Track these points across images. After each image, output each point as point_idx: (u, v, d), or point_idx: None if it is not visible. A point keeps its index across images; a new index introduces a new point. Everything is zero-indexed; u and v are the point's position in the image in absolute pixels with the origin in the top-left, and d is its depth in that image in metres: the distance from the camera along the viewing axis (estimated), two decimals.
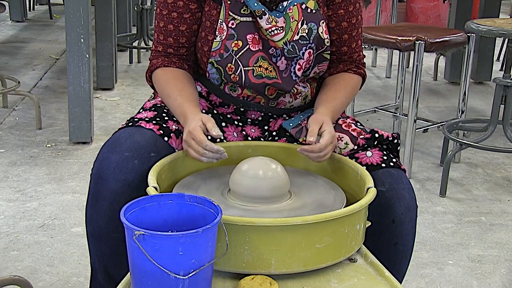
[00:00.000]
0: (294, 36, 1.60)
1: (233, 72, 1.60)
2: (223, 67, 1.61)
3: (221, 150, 1.45)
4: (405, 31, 3.29)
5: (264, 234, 1.23)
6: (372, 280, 1.30)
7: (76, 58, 3.29)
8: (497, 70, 5.37)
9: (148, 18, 5.44)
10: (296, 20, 1.60)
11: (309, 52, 1.62)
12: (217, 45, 1.60)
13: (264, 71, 1.61)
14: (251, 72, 1.60)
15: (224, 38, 1.59)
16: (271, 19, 1.59)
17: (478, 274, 2.35)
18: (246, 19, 1.60)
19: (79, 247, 2.38)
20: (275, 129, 1.71)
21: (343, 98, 1.66)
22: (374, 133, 1.61)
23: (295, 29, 1.60)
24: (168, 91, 1.60)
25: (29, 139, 3.50)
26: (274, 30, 1.59)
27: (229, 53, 1.59)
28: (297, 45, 1.60)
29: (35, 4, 8.25)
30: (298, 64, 1.62)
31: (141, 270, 1.14)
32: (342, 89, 1.67)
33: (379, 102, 4.42)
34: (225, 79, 1.63)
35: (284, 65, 1.62)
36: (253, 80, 1.61)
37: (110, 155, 1.49)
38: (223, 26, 1.59)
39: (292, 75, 1.63)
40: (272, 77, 1.62)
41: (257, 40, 1.60)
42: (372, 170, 1.52)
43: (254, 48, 1.60)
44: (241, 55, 1.59)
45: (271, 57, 1.62)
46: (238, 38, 1.59)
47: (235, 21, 1.59)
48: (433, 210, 2.87)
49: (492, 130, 3.15)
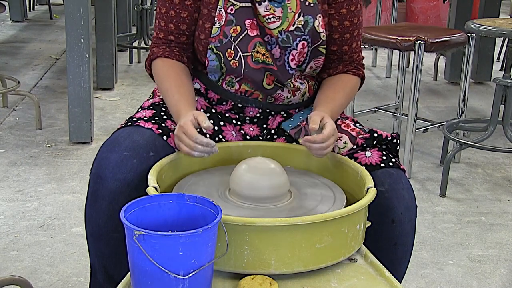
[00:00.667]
0: (290, 27, 1.62)
1: (232, 58, 1.62)
2: (223, 53, 1.62)
3: (211, 143, 1.45)
4: (405, 31, 3.29)
5: (264, 234, 1.23)
6: (372, 280, 1.30)
7: (76, 58, 3.29)
8: (497, 70, 5.37)
9: (148, 18, 5.44)
10: (294, 12, 1.62)
11: (302, 43, 1.63)
12: (216, 32, 1.61)
13: (261, 57, 1.63)
14: (250, 58, 1.62)
15: (223, 25, 1.61)
16: (270, 7, 1.61)
17: (478, 274, 2.35)
18: (245, 5, 1.62)
19: (79, 247, 2.38)
20: (274, 128, 1.71)
21: (342, 99, 1.66)
22: (373, 133, 1.61)
23: (292, 20, 1.62)
24: (167, 86, 1.61)
25: (29, 139, 3.50)
26: (271, 18, 1.61)
27: (228, 39, 1.61)
28: (291, 35, 1.62)
29: (35, 4, 8.25)
30: (291, 55, 1.63)
31: (141, 270, 1.14)
32: (340, 90, 1.68)
33: (379, 102, 4.42)
34: (224, 65, 1.63)
35: (278, 53, 1.64)
36: (252, 65, 1.63)
37: (109, 154, 1.49)
38: (222, 13, 1.61)
39: (285, 65, 1.64)
40: (269, 63, 1.63)
41: (255, 26, 1.62)
42: (372, 170, 1.52)
43: (252, 34, 1.62)
44: (240, 41, 1.61)
45: (266, 44, 1.63)
46: (237, 24, 1.61)
47: (234, 6, 1.61)
48: (433, 210, 2.87)
49: (492, 130, 3.15)
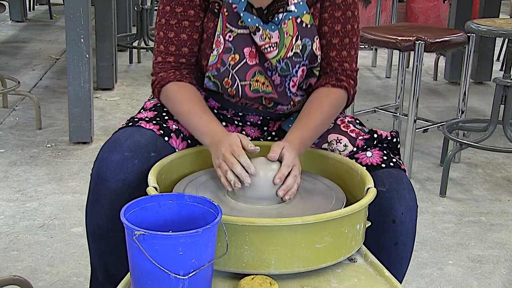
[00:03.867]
0: (288, 53, 1.57)
1: (230, 86, 1.58)
2: (220, 81, 1.58)
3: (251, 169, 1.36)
4: (405, 31, 3.29)
5: (264, 234, 1.23)
6: (372, 280, 1.30)
7: (76, 58, 3.29)
8: (497, 70, 5.37)
9: (148, 18, 5.44)
10: (291, 35, 1.56)
11: (302, 69, 1.60)
12: (214, 59, 1.57)
13: (261, 86, 1.59)
14: (248, 87, 1.59)
15: (221, 52, 1.57)
16: (265, 35, 1.56)
17: (478, 274, 2.35)
18: (243, 31, 1.57)
19: (79, 247, 2.38)
20: (274, 130, 1.71)
21: (317, 120, 1.55)
22: (373, 133, 1.60)
23: (289, 45, 1.57)
24: (189, 108, 1.54)
25: (29, 139, 3.50)
26: (268, 48, 1.56)
27: (226, 67, 1.57)
28: (290, 63, 1.57)
29: (35, 4, 8.26)
30: (292, 81, 1.61)
31: (141, 270, 1.14)
32: (317, 109, 1.57)
33: (379, 102, 4.42)
34: (222, 92, 1.61)
35: (279, 80, 1.60)
36: (250, 94, 1.60)
37: (110, 155, 1.49)
38: (220, 39, 1.57)
39: (287, 91, 1.62)
40: (269, 92, 1.60)
41: (254, 54, 1.58)
42: (372, 170, 1.52)
43: (251, 62, 1.58)
44: (238, 70, 1.57)
45: (266, 70, 1.60)
46: (235, 52, 1.56)
47: (232, 33, 1.56)
48: (433, 210, 2.87)
49: (492, 130, 3.15)
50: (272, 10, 1.58)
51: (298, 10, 1.57)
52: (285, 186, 1.37)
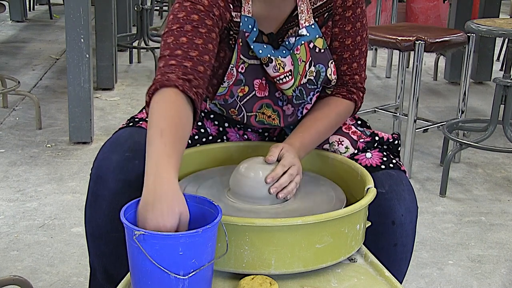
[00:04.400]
0: (302, 79, 1.54)
1: (235, 115, 1.58)
2: (226, 110, 1.58)
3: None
4: (405, 31, 3.29)
5: (264, 234, 1.23)
6: (372, 280, 1.30)
7: (76, 58, 3.29)
8: (497, 70, 5.37)
9: (148, 18, 5.44)
10: (304, 61, 1.53)
11: (316, 96, 1.59)
12: (223, 91, 1.54)
13: (267, 119, 1.59)
14: (254, 117, 1.58)
15: (231, 84, 1.54)
16: (278, 65, 1.51)
17: (478, 274, 2.35)
18: (254, 62, 1.53)
19: (79, 247, 2.38)
20: (275, 135, 1.72)
21: (321, 128, 1.54)
22: (374, 136, 1.60)
23: (303, 72, 1.53)
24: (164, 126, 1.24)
25: (29, 139, 3.50)
26: (283, 78, 1.53)
27: (234, 98, 1.55)
28: (305, 90, 1.55)
29: (35, 4, 8.26)
30: (305, 109, 1.60)
31: (141, 270, 1.14)
32: (324, 117, 1.56)
33: (379, 102, 4.42)
34: (226, 115, 1.61)
35: (291, 110, 1.59)
36: (254, 124, 1.60)
37: (110, 155, 1.49)
38: (233, 72, 1.53)
39: (298, 118, 1.61)
40: (274, 124, 1.59)
41: (264, 86, 1.56)
42: (372, 171, 1.51)
43: (260, 95, 1.57)
44: (246, 101, 1.56)
45: (277, 101, 1.57)
46: (246, 84, 1.54)
47: (244, 64, 1.53)
48: (433, 210, 2.87)
49: (492, 130, 3.15)
50: (282, 32, 1.56)
51: (311, 34, 1.54)
52: (278, 184, 1.36)
